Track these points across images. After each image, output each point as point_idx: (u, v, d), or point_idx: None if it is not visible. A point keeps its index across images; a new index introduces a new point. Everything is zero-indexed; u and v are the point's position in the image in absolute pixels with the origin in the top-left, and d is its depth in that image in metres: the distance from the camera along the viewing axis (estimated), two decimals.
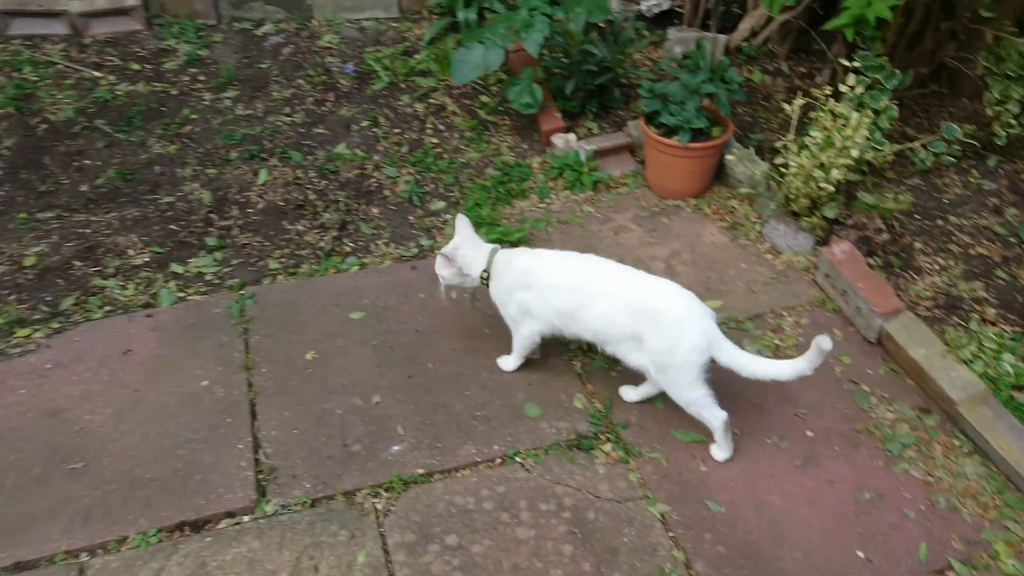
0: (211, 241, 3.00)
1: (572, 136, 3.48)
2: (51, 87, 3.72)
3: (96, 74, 3.83)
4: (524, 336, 2.39)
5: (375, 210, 3.21)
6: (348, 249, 3.02)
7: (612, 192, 3.34)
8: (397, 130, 3.61)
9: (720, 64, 3.50)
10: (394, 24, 4.40)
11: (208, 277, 2.86)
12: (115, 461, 2.21)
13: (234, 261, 2.93)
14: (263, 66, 3.99)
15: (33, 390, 2.41)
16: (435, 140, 3.57)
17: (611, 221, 3.19)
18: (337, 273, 2.89)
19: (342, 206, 3.18)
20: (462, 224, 2.40)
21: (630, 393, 2.43)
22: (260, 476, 2.18)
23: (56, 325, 2.63)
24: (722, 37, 3.88)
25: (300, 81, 3.89)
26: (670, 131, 3.17)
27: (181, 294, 2.78)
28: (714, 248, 3.06)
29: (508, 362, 2.51)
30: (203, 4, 4.22)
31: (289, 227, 3.08)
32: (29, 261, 2.85)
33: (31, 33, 4.05)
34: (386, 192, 3.28)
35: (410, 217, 3.19)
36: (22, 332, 2.60)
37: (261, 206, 3.15)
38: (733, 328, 2.70)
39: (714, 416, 2.20)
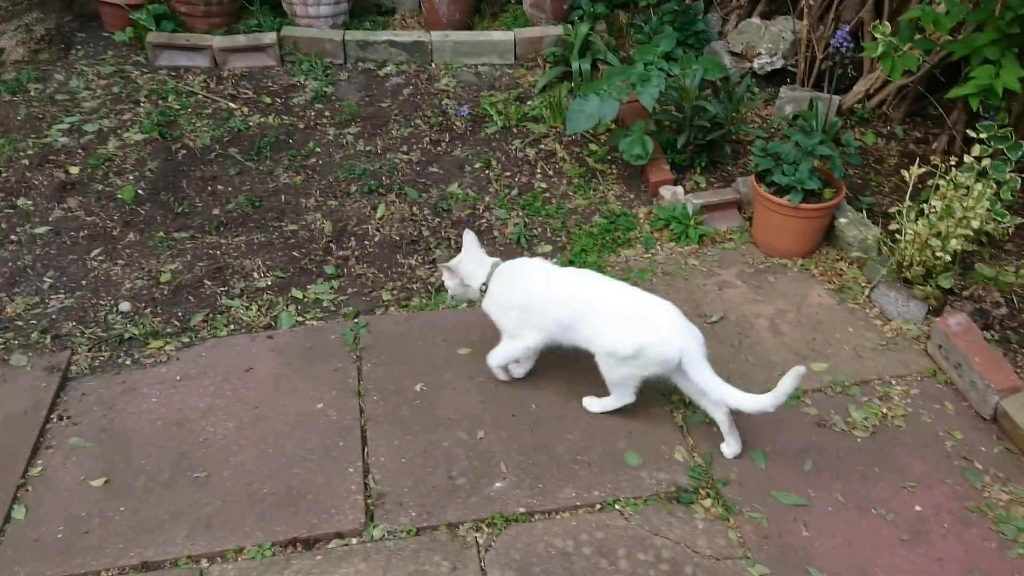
0: (329, 269, 3.15)
1: (680, 189, 3.52)
2: (191, 115, 3.99)
3: (232, 105, 4.10)
4: (524, 347, 2.54)
5: (484, 250, 3.30)
6: None
7: (718, 247, 3.36)
8: (508, 173, 3.73)
9: (832, 125, 3.50)
10: (508, 70, 4.56)
11: (325, 303, 3.01)
12: (235, 473, 2.33)
13: (349, 290, 3.08)
14: (384, 105, 4.19)
15: (163, 399, 2.58)
16: (544, 185, 3.67)
17: (716, 276, 3.21)
18: (446, 309, 2.99)
19: (453, 244, 3.30)
20: (469, 239, 2.60)
21: (728, 448, 2.44)
22: (369, 501, 2.27)
23: (186, 339, 2.81)
24: (835, 98, 3.87)
25: (418, 121, 4.07)
26: (781, 190, 3.18)
27: (300, 318, 2.93)
28: (820, 310, 3.03)
29: (496, 367, 2.62)
30: (332, 45, 4.47)
31: (402, 261, 3.21)
32: (165, 277, 3.05)
33: (176, 64, 4.37)
34: (496, 233, 3.38)
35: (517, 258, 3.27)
36: (156, 344, 2.79)
37: (377, 239, 3.30)
38: (839, 392, 2.67)
39: (627, 397, 2.47)
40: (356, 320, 2.92)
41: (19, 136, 3.78)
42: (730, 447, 2.43)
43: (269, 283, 3.08)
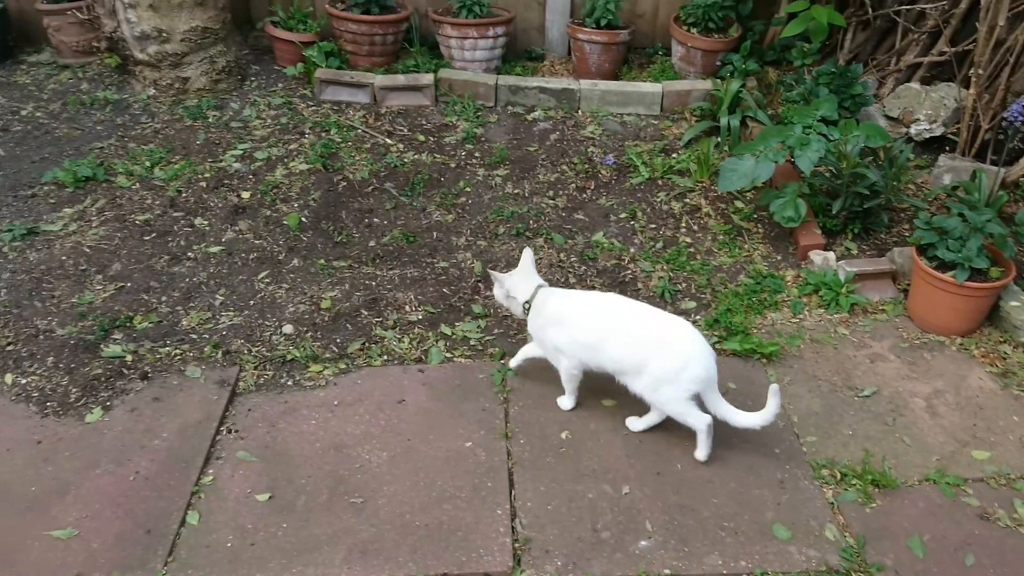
0: (477, 309, 3.25)
1: (831, 255, 3.46)
2: (351, 149, 4.21)
3: (388, 141, 4.30)
4: (564, 370, 2.68)
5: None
6: None
7: (870, 317, 3.27)
8: (653, 225, 3.76)
9: (997, 199, 3.37)
10: (654, 121, 4.61)
11: (472, 342, 3.09)
12: (389, 503, 2.43)
13: (496, 331, 3.16)
14: (531, 149, 4.31)
15: (322, 422, 2.71)
16: (689, 240, 3.68)
17: (867, 347, 3.12)
18: None
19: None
20: (526, 257, 2.77)
21: (635, 423, 2.68)
22: (516, 544, 2.31)
23: (343, 366, 2.95)
24: (1000, 170, 3.72)
25: (564, 167, 4.16)
26: (944, 265, 3.08)
27: (448, 354, 3.03)
28: (982, 394, 2.90)
29: (565, 402, 2.77)
30: (485, 88, 4.63)
31: None
32: (325, 304, 3.22)
33: (339, 99, 4.62)
34: (640, 285, 3.41)
35: None
36: (315, 367, 2.94)
37: None
38: (1003, 484, 2.55)
39: (699, 420, 2.51)
40: (502, 361, 2.99)
41: (198, 159, 4.08)
42: (702, 451, 2.57)
43: (420, 317, 3.20)
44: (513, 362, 2.89)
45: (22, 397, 2.76)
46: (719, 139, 4.28)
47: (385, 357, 3.01)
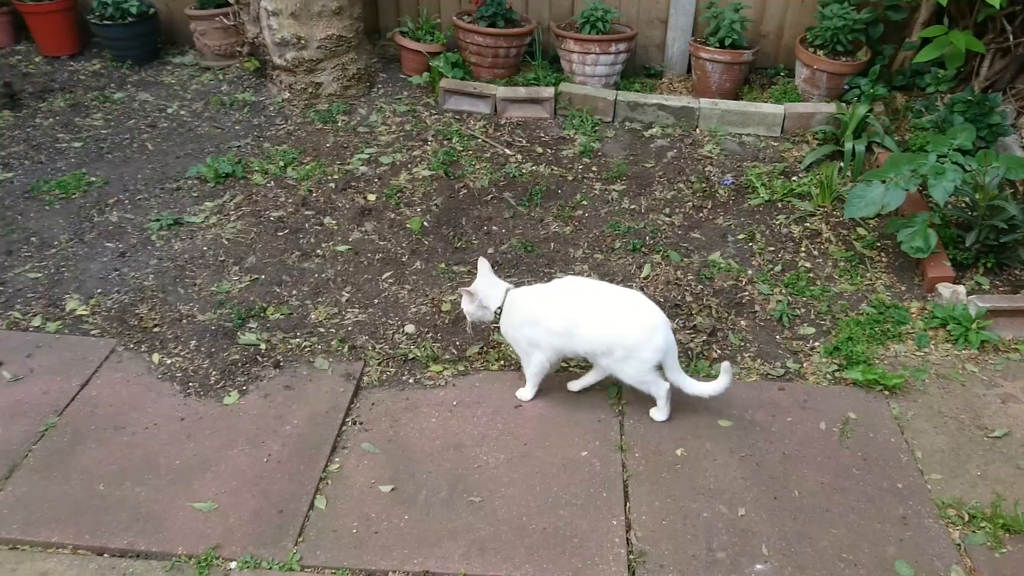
0: None
1: (961, 288, 3.35)
2: (472, 157, 4.33)
3: (507, 151, 4.40)
4: (535, 364, 2.78)
5: (743, 322, 3.31)
6: (716, 355, 3.15)
7: (1001, 356, 3.15)
8: (771, 248, 3.72)
9: None
10: (773, 143, 4.55)
11: None
12: (506, 504, 2.49)
13: None
14: (648, 165, 4.32)
15: (442, 421, 2.80)
16: (808, 264, 3.62)
17: (998, 387, 3.01)
18: (707, 377, 3.02)
19: (714, 313, 3.33)
20: (483, 266, 2.82)
21: (574, 384, 2.86)
22: (631, 556, 2.33)
23: (461, 368, 3.04)
24: None
25: (681, 185, 4.16)
26: None
27: (564, 363, 3.07)
28: None
29: (525, 392, 2.87)
30: (604, 103, 4.68)
31: None
32: (446, 307, 3.32)
33: (461, 109, 4.76)
34: (756, 308, 3.38)
35: (777, 336, 3.25)
36: (435, 368, 3.03)
37: None
38: None
39: (659, 388, 2.71)
40: None
41: (327, 161, 4.27)
42: (661, 413, 2.77)
43: None
44: (524, 394, 2.89)
45: (167, 376, 2.95)
46: (842, 164, 4.20)
47: (502, 362, 3.08)
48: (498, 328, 2.85)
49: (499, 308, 2.79)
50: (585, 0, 4.91)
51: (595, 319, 2.64)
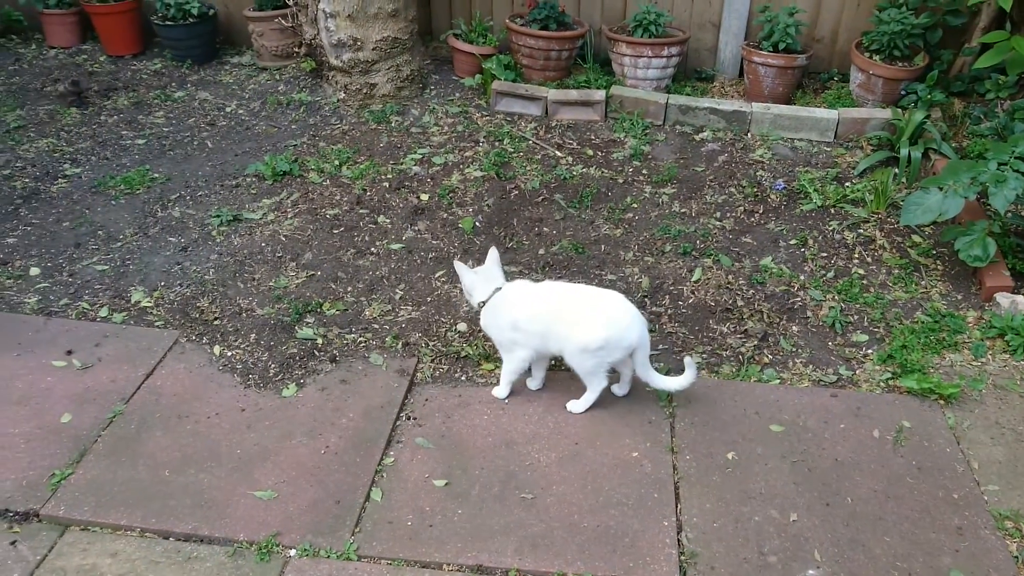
0: None
1: (1020, 299, 3.29)
2: (523, 159, 4.37)
3: (557, 153, 4.43)
4: (514, 361, 2.85)
5: (795, 328, 3.30)
6: (767, 360, 3.15)
7: None
8: (824, 254, 3.69)
9: None
10: (826, 148, 4.52)
11: None
12: (558, 502, 2.52)
13: (660, 346, 3.20)
14: (698, 169, 4.32)
15: (493, 418, 2.85)
16: (862, 271, 3.59)
17: None
18: (757, 382, 3.02)
19: (765, 318, 3.32)
20: (492, 256, 2.91)
21: (620, 389, 2.91)
22: (682, 557, 2.35)
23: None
24: None
25: (732, 189, 4.15)
26: None
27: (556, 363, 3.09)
28: None
29: (500, 391, 2.93)
30: (655, 106, 4.69)
31: (714, 327, 3.29)
32: None
33: (512, 111, 4.80)
34: (809, 313, 3.36)
35: (829, 343, 3.23)
36: (487, 366, 3.08)
37: (691, 301, 3.41)
38: None
39: (599, 385, 2.79)
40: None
41: (381, 161, 4.34)
42: (580, 406, 2.84)
43: None
44: (533, 384, 2.97)
45: (228, 368, 3.04)
46: (897, 170, 4.16)
47: (552, 362, 3.10)
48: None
49: (482, 303, 2.85)
50: (638, 3, 4.92)
51: (567, 317, 2.71)
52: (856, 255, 3.70)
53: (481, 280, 2.88)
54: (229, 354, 3.11)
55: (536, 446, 2.73)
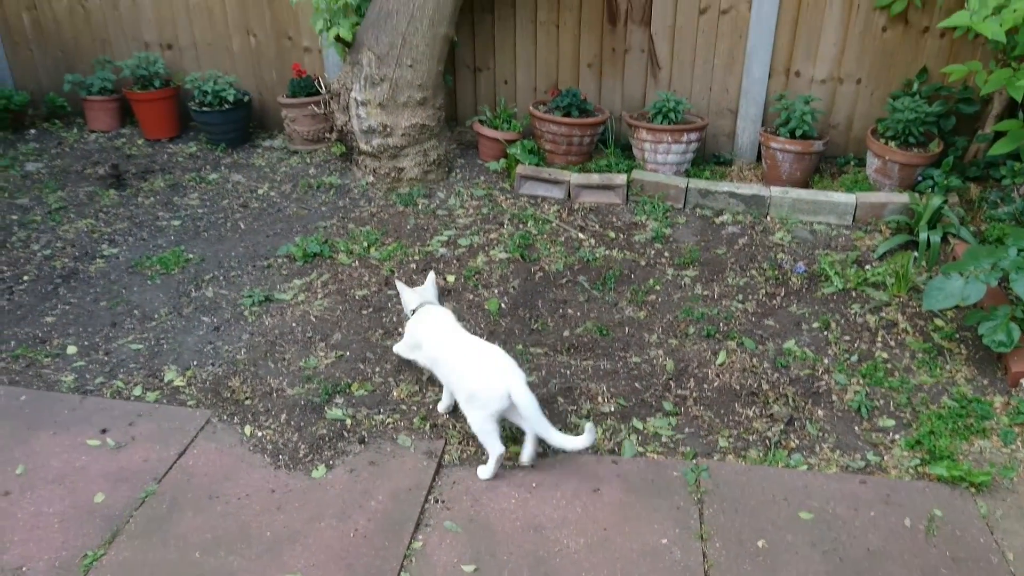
0: (667, 406, 3.32)
1: None
2: (546, 241, 4.47)
3: (580, 236, 4.53)
4: (414, 358, 3.30)
5: (821, 412, 3.31)
6: (793, 445, 3.15)
7: None
8: (847, 337, 3.72)
9: None
10: (845, 231, 4.59)
11: (664, 439, 3.16)
12: None
13: (687, 429, 3.21)
14: (719, 252, 4.40)
15: (521, 502, 2.85)
16: (885, 355, 3.61)
17: None
18: (785, 467, 3.02)
19: (790, 401, 3.34)
20: (429, 278, 3.40)
21: (525, 454, 2.99)
22: None
23: (539, 449, 3.09)
24: None
25: (753, 272, 4.21)
26: None
27: (641, 448, 3.11)
28: None
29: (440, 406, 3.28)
30: (675, 190, 4.80)
31: (740, 410, 3.30)
32: None
33: (535, 194, 4.93)
34: (834, 397, 3.37)
35: (856, 428, 3.23)
36: (514, 448, 3.09)
37: (716, 384, 3.43)
38: None
39: (494, 447, 2.91)
40: (694, 461, 3.04)
41: (408, 243, 4.45)
42: (486, 472, 2.94)
43: (612, 409, 3.31)
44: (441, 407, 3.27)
45: (258, 448, 3.08)
46: (916, 254, 4.22)
47: (549, 450, 3.12)
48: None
49: (410, 313, 3.33)
50: (657, 91, 5.09)
51: (451, 358, 3.04)
52: (879, 338, 3.72)
53: (415, 296, 3.32)
54: (260, 434, 3.15)
55: (565, 531, 2.73)
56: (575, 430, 3.17)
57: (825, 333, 3.76)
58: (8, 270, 4.25)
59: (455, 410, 3.28)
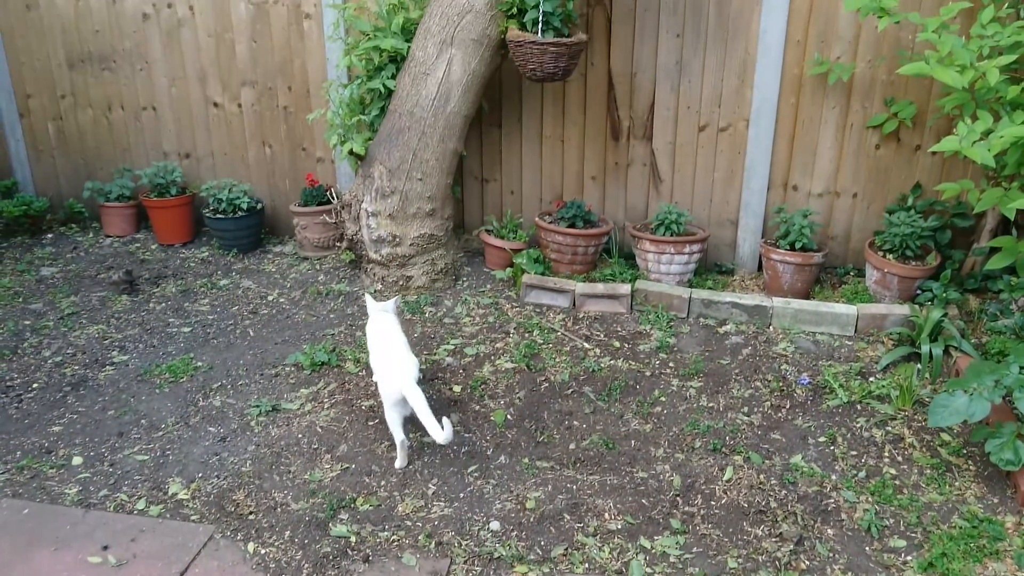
0: (675, 523, 3.29)
1: None
2: (552, 351, 4.51)
3: (586, 345, 4.57)
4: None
5: (831, 531, 3.27)
6: (803, 566, 3.10)
7: None
8: (854, 452, 3.71)
9: None
10: (847, 342, 4.64)
11: (672, 559, 3.12)
12: None
13: (695, 549, 3.17)
14: (723, 362, 4.43)
15: None
16: (893, 471, 3.59)
17: None
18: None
19: (799, 520, 3.30)
20: (393, 299, 4.07)
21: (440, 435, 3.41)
22: None
23: (546, 569, 3.05)
24: None
25: (757, 383, 4.24)
26: None
27: (649, 569, 3.06)
28: None
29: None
30: (679, 300, 4.88)
31: (748, 529, 3.27)
32: (530, 504, 3.38)
33: (541, 303, 5.01)
34: (843, 516, 3.34)
35: (867, 548, 3.19)
36: (520, 568, 3.05)
37: (724, 501, 3.41)
38: None
39: (396, 435, 3.54)
40: None
41: (415, 351, 4.47)
42: (400, 462, 3.60)
43: (619, 527, 3.28)
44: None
45: (261, 566, 3.04)
46: (919, 366, 4.25)
47: (586, 565, 3.08)
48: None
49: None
50: (659, 203, 5.24)
51: (374, 357, 3.78)
52: (886, 454, 3.71)
53: (377, 306, 3.97)
54: (263, 552, 3.11)
55: None
56: (582, 550, 3.14)
57: (832, 448, 3.75)
58: (19, 377, 4.29)
59: (461, 526, 3.26)
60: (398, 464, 3.58)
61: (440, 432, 3.35)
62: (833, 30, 4.89)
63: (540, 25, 4.49)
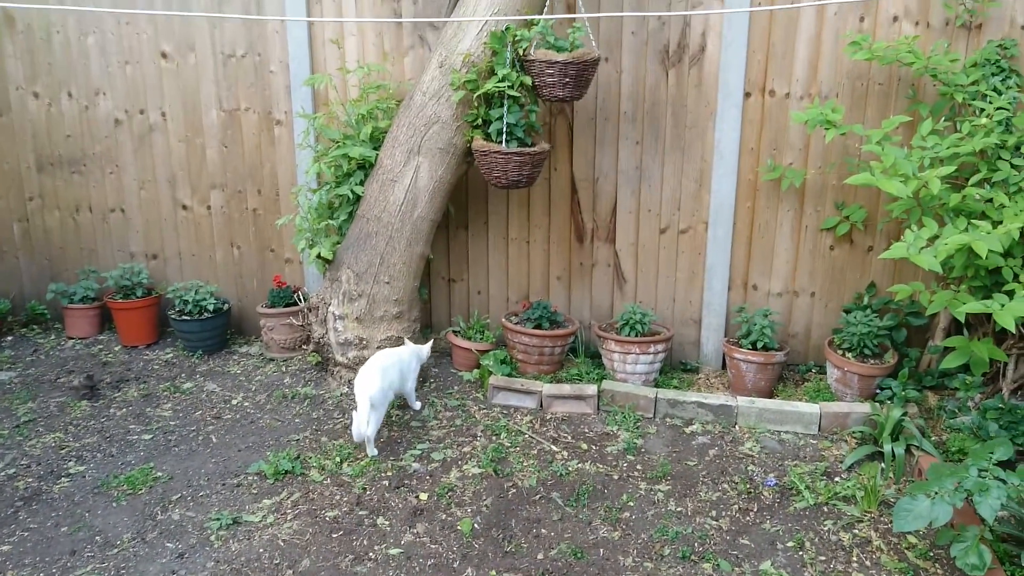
0: None
1: None
2: (519, 454, 4.49)
3: (553, 448, 4.56)
4: None
5: None
6: None
7: None
8: (823, 557, 3.70)
9: None
10: (812, 441, 4.68)
11: None
12: None
13: None
14: (691, 463, 4.44)
15: None
16: None
17: None
18: None
19: None
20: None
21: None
22: None
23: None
24: None
25: (725, 485, 4.24)
26: None
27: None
28: None
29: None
30: (645, 400, 4.91)
31: None
32: None
33: (508, 404, 5.01)
34: None
35: None
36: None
37: None
38: None
39: (360, 429, 4.35)
40: None
41: (382, 457, 4.45)
42: (370, 450, 4.43)
43: None
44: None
45: None
46: (883, 465, 4.29)
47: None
48: None
49: None
50: (624, 303, 5.33)
51: (380, 354, 4.57)
52: (855, 558, 3.71)
53: (410, 344, 4.83)
54: None
55: None
56: None
57: (800, 553, 3.74)
58: None
59: None
60: (370, 451, 4.46)
61: (354, 430, 4.36)
62: (784, 139, 5.12)
63: (504, 135, 4.65)
